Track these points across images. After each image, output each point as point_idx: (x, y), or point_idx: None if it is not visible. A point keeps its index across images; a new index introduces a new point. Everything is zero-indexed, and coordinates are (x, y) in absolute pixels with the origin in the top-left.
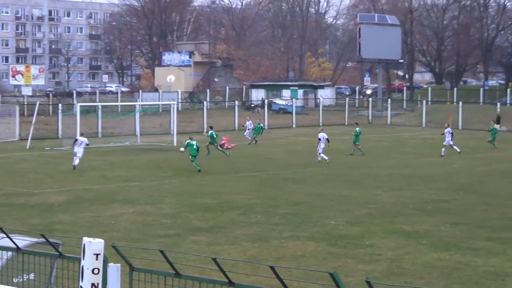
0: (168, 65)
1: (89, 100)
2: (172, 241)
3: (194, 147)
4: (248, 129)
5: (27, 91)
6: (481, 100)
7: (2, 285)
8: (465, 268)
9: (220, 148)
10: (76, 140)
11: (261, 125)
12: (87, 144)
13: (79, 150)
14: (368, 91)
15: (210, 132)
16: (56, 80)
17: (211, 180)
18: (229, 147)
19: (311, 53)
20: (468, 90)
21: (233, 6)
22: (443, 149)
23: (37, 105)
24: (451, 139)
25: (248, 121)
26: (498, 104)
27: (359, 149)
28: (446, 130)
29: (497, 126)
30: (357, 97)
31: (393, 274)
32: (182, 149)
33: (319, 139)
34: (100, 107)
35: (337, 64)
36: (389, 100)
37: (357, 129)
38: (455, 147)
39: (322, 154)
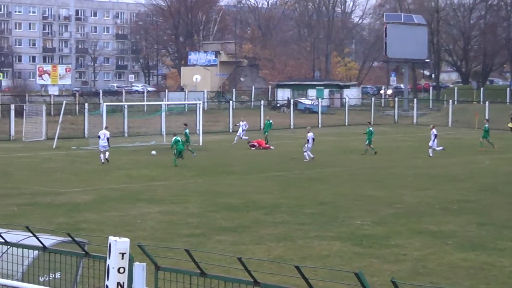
0: (194, 65)
1: (115, 99)
2: (197, 240)
3: (180, 143)
4: (243, 130)
5: (53, 91)
6: (507, 100)
7: (28, 284)
8: (491, 268)
9: (189, 149)
10: (99, 136)
11: (271, 121)
12: (108, 139)
13: (103, 144)
14: (389, 91)
15: (185, 130)
16: (82, 79)
17: (237, 180)
18: (264, 146)
19: (337, 52)
20: (494, 90)
21: (259, 5)
22: (430, 149)
23: (64, 105)
24: (434, 141)
25: (242, 121)
26: None
27: (366, 149)
28: (432, 131)
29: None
30: (382, 97)
31: (418, 274)
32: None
33: (308, 140)
34: (126, 106)
35: (363, 64)
36: (415, 99)
37: (370, 128)
38: (437, 148)
39: (307, 152)
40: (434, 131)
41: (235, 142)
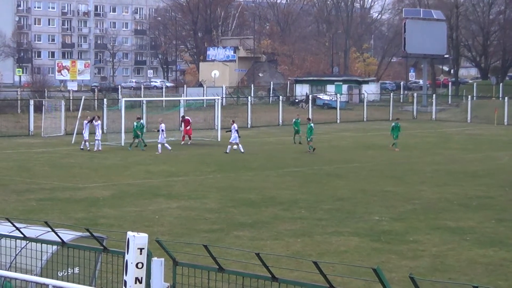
0: (213, 60)
1: (134, 95)
2: (215, 236)
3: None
4: (163, 130)
5: (72, 86)
6: None
7: (47, 278)
8: (510, 264)
9: (138, 141)
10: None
11: (299, 119)
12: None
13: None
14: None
15: (139, 122)
16: (101, 75)
17: (255, 176)
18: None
19: (356, 48)
20: None
21: (278, 1)
22: (239, 146)
23: (83, 100)
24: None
25: (161, 123)
26: None
27: (309, 145)
28: (232, 127)
29: None
30: (401, 93)
31: (437, 270)
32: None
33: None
34: (144, 102)
35: (381, 60)
36: (434, 95)
37: (311, 124)
38: (235, 146)
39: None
40: (235, 126)
41: (159, 152)
